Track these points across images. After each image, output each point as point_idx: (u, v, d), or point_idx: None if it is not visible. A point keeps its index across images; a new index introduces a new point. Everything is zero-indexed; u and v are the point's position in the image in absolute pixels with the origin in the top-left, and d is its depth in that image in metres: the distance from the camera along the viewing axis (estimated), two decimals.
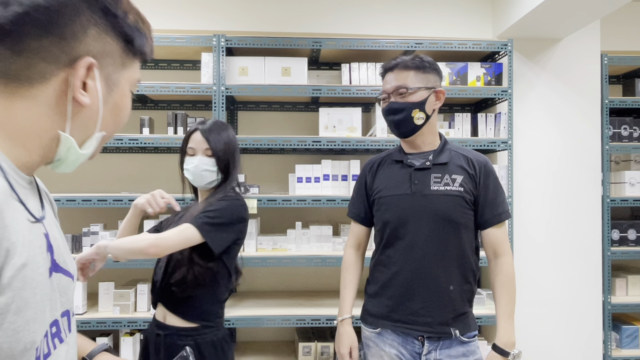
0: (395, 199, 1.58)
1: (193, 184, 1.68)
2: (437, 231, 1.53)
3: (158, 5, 2.81)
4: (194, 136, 1.64)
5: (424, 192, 1.55)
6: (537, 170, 2.86)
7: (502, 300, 1.56)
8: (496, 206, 1.58)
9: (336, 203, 2.56)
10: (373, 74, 2.72)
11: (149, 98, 2.94)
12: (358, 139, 2.61)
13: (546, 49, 2.88)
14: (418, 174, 1.57)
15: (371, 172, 1.69)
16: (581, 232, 2.86)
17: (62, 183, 2.98)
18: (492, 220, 1.58)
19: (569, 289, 2.84)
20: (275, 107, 3.09)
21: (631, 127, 2.96)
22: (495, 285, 1.58)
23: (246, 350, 2.86)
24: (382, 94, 1.63)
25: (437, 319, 1.52)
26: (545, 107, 2.88)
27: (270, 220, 3.05)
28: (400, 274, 1.55)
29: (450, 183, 1.55)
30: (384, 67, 1.65)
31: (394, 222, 1.57)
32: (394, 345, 1.54)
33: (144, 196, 1.62)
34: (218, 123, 1.67)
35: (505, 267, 1.58)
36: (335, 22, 2.87)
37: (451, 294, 1.53)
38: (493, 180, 1.59)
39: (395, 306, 1.55)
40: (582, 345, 2.83)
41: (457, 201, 1.54)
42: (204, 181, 1.64)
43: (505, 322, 1.54)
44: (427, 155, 1.60)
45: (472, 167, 1.58)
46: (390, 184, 1.61)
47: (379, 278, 1.61)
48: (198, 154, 1.62)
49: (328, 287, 3.07)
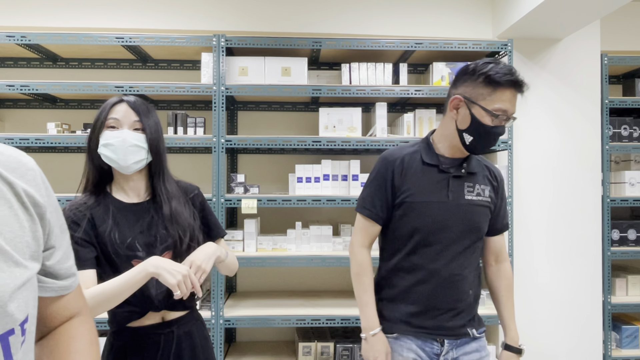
0: (430, 206, 1.50)
1: (113, 164, 1.36)
2: (466, 240, 1.52)
3: (158, 5, 2.81)
4: (118, 107, 1.37)
5: (459, 201, 1.51)
6: (537, 170, 2.86)
7: (509, 303, 1.64)
8: (505, 216, 1.66)
9: (336, 203, 2.56)
10: (373, 74, 2.72)
11: (149, 98, 2.94)
12: (358, 139, 2.61)
13: (546, 49, 2.88)
14: (454, 182, 1.53)
15: (400, 171, 1.53)
16: (581, 232, 2.86)
17: (62, 183, 2.98)
18: (502, 229, 1.65)
19: (569, 289, 2.84)
20: (275, 107, 3.09)
21: (631, 127, 2.96)
22: (500, 289, 1.65)
23: (246, 350, 2.86)
24: (502, 113, 1.45)
25: (457, 322, 1.53)
26: (545, 107, 2.88)
27: (270, 220, 3.05)
28: (426, 281, 1.51)
29: (481, 193, 1.55)
30: (513, 80, 1.44)
31: (426, 230, 1.50)
32: (412, 348, 1.52)
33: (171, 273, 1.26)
34: (144, 101, 1.43)
35: (508, 272, 1.67)
36: (335, 22, 2.87)
37: (471, 298, 1.56)
38: (504, 191, 1.66)
39: (417, 313, 1.52)
40: (582, 345, 2.83)
41: (485, 211, 1.56)
42: (130, 159, 1.34)
43: (512, 322, 1.63)
44: (457, 162, 1.55)
45: (494, 178, 1.62)
46: (424, 189, 1.51)
47: (398, 283, 1.55)
48: (124, 127, 1.36)
49: (328, 287, 3.07)
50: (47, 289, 0.75)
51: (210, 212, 1.57)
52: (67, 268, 0.78)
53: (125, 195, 1.42)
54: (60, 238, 0.76)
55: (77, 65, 3.02)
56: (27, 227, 0.67)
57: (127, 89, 2.58)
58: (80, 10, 2.78)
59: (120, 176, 1.41)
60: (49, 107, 3.03)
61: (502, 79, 1.43)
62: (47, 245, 0.73)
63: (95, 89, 2.57)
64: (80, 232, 1.32)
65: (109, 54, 2.93)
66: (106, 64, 3.03)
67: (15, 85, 2.55)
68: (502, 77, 1.43)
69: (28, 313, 0.65)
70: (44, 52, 2.85)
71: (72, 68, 3.02)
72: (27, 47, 2.74)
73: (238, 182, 2.65)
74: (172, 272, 1.27)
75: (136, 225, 1.38)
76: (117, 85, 2.57)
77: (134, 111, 1.37)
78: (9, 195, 0.66)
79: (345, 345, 2.65)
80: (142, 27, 2.78)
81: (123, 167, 1.36)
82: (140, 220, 1.39)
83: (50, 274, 0.75)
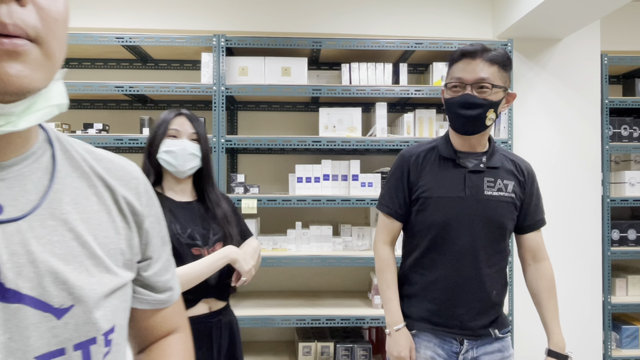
0: (446, 201, 1.48)
1: (171, 168, 1.56)
2: (488, 237, 1.48)
3: (158, 5, 2.81)
4: (178, 120, 1.58)
5: (478, 196, 1.48)
6: (537, 170, 2.83)
7: (550, 304, 1.56)
8: (538, 212, 1.58)
9: (336, 203, 2.56)
10: (373, 74, 2.72)
11: (149, 98, 2.94)
12: (358, 139, 2.61)
13: (546, 49, 2.88)
14: (472, 177, 1.49)
15: (415, 166, 1.53)
16: (581, 232, 2.86)
17: None
18: (534, 225, 1.57)
19: (569, 289, 2.84)
20: (275, 107, 3.09)
21: (631, 127, 2.96)
22: (540, 290, 1.58)
23: (246, 350, 2.86)
24: (456, 81, 1.45)
25: (479, 323, 1.50)
26: (545, 107, 2.88)
27: (270, 220, 3.05)
28: (446, 278, 1.49)
29: (503, 189, 1.50)
30: (462, 51, 1.46)
31: (441, 225, 1.48)
32: (429, 346, 1.50)
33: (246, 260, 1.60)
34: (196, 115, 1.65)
35: (548, 272, 1.59)
36: (335, 22, 2.87)
37: (494, 299, 1.51)
38: (537, 187, 1.59)
39: (438, 310, 1.50)
40: (582, 345, 2.83)
41: (509, 207, 1.51)
42: (187, 165, 1.56)
43: (556, 326, 1.54)
44: (479, 157, 1.51)
45: (520, 173, 1.56)
46: (440, 184, 1.50)
47: (418, 280, 1.54)
48: (183, 137, 1.57)
49: (328, 287, 3.07)
50: (143, 301, 0.72)
51: (241, 216, 1.77)
52: (165, 281, 0.75)
53: (175, 194, 1.60)
54: (159, 249, 0.74)
55: (77, 65, 3.02)
56: (123, 235, 0.66)
57: (127, 89, 2.58)
58: (80, 10, 2.78)
59: (173, 178, 1.60)
60: None
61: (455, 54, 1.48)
62: (145, 256, 0.71)
63: (95, 89, 2.57)
64: None
65: (109, 54, 2.93)
66: (106, 64, 3.03)
67: None
68: (455, 53, 1.48)
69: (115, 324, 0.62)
70: None
71: (72, 68, 3.02)
72: None
73: (238, 182, 2.65)
74: (247, 260, 1.58)
75: (191, 219, 1.57)
76: (117, 85, 2.57)
77: (191, 123, 1.58)
78: (109, 202, 0.65)
79: (345, 345, 2.65)
80: (142, 27, 2.78)
81: (180, 172, 1.56)
82: (193, 216, 1.58)
83: (147, 285, 0.72)
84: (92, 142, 2.55)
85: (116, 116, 3.03)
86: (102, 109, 3.05)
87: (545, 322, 1.56)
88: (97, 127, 2.67)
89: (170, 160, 1.54)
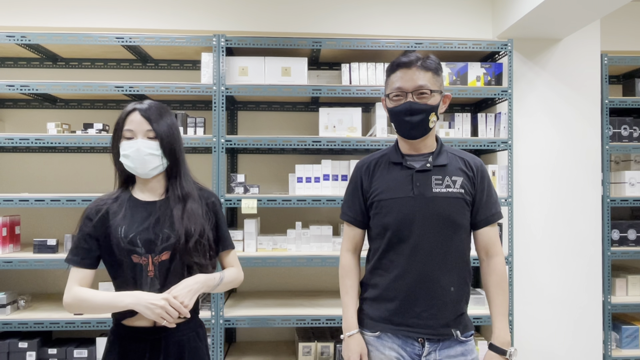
0: (397, 202, 1.55)
1: (132, 171, 1.45)
2: (440, 234, 1.53)
3: (158, 5, 2.81)
4: (131, 117, 1.44)
5: (426, 194, 1.53)
6: (537, 170, 2.86)
7: (497, 300, 1.58)
8: (490, 207, 1.60)
9: (336, 203, 2.56)
10: (373, 74, 2.72)
11: (149, 98, 2.94)
12: (358, 139, 2.61)
13: (546, 49, 2.88)
14: (420, 176, 1.55)
15: (367, 174, 1.63)
16: (581, 232, 2.86)
17: (62, 183, 2.98)
18: (486, 221, 1.60)
19: (569, 289, 2.84)
20: (275, 107, 3.09)
21: (631, 127, 2.96)
22: (489, 285, 1.60)
23: (246, 350, 2.86)
24: (397, 91, 1.54)
25: (439, 321, 1.52)
26: (545, 107, 2.88)
27: (270, 220, 3.05)
28: (403, 277, 1.54)
29: (451, 185, 1.55)
30: (398, 62, 1.55)
31: (395, 226, 1.54)
32: (393, 347, 1.54)
33: (149, 308, 1.34)
34: (158, 104, 1.49)
35: (498, 267, 1.59)
36: (335, 22, 2.87)
37: (452, 295, 1.54)
38: (487, 182, 1.62)
39: (398, 310, 1.54)
40: (582, 345, 2.83)
41: (458, 203, 1.55)
42: (147, 167, 1.43)
43: (501, 321, 1.56)
44: (425, 157, 1.58)
45: (469, 168, 1.59)
46: (390, 187, 1.57)
47: (379, 282, 1.59)
48: (138, 137, 1.43)
49: (328, 287, 3.07)
50: None
51: (224, 223, 1.59)
52: None
53: (142, 194, 1.50)
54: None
55: (77, 65, 3.03)
56: None
57: (127, 89, 2.58)
58: (80, 10, 2.78)
59: (140, 178, 1.49)
60: (49, 107, 3.03)
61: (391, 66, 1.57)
62: None
63: (95, 89, 2.57)
64: (89, 228, 1.44)
65: (109, 54, 2.93)
66: (106, 64, 3.03)
67: (15, 85, 2.55)
68: (391, 65, 1.57)
69: None
70: (44, 52, 2.85)
71: (72, 68, 3.02)
72: (27, 47, 2.74)
73: (238, 182, 2.65)
74: (150, 307, 1.34)
75: (144, 222, 1.44)
76: (117, 85, 2.57)
77: (146, 120, 1.43)
78: None
79: None
80: (142, 27, 2.78)
81: (142, 174, 1.45)
82: (149, 218, 1.45)
83: None
84: (92, 142, 2.55)
85: (116, 116, 3.00)
86: (102, 109, 3.05)
87: (492, 316, 1.59)
88: (97, 127, 2.67)
89: (128, 163, 1.43)
